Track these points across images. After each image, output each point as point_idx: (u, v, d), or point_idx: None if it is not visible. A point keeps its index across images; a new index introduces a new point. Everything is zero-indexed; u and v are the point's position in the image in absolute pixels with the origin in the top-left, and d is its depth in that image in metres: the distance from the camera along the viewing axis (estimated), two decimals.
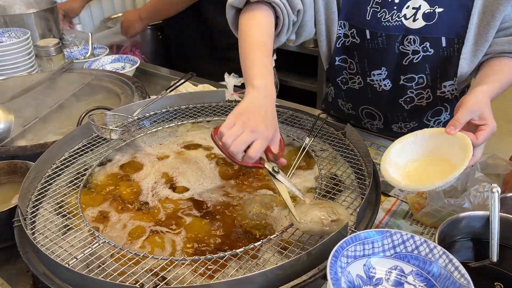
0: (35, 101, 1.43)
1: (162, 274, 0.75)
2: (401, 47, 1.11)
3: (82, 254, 0.78)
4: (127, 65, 1.82)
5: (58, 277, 0.76)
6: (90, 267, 0.76)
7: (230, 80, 1.35)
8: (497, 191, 0.78)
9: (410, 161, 0.92)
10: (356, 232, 0.75)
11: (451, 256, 0.64)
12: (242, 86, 1.39)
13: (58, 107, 1.41)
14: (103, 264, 0.77)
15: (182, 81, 1.29)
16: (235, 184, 1.02)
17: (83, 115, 1.19)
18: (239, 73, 1.38)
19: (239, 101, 1.29)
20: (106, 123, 1.13)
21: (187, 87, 1.54)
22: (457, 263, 0.63)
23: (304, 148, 1.07)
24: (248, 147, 0.84)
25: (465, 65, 1.09)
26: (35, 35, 1.90)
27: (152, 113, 1.26)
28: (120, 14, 2.79)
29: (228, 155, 0.85)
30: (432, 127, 1.28)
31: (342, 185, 0.99)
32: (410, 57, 1.11)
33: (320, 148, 1.13)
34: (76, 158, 1.10)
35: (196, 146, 1.18)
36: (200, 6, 1.85)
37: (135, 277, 0.74)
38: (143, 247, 0.85)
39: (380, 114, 1.27)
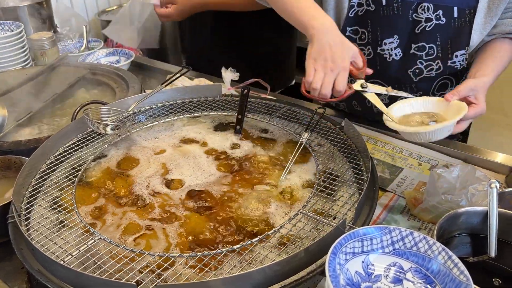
0: (29, 95, 1.41)
1: (158, 271, 0.74)
2: (415, 15, 1.14)
3: (78, 251, 0.77)
4: (122, 59, 1.80)
5: (53, 274, 0.75)
6: (86, 264, 0.75)
7: (227, 74, 1.34)
8: (496, 187, 0.77)
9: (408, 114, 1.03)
10: (354, 228, 0.75)
11: (450, 252, 0.64)
12: (239, 81, 1.38)
13: (52, 101, 1.40)
14: (99, 261, 0.76)
15: (178, 75, 1.28)
16: (232, 179, 1.02)
17: (78, 109, 1.18)
18: (236, 68, 1.37)
19: (235, 96, 1.28)
20: (101, 117, 1.12)
21: (183, 81, 1.52)
22: (457, 259, 0.63)
23: (302, 143, 1.06)
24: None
25: (475, 36, 1.13)
26: (28, 28, 1.88)
27: (147, 107, 1.25)
28: (115, 7, 2.77)
29: (321, 99, 0.99)
30: None
31: (340, 180, 0.98)
32: (422, 25, 1.14)
33: (318, 143, 1.12)
34: (71, 153, 1.08)
35: (193, 141, 1.17)
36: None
37: (131, 274, 0.73)
38: (139, 244, 0.84)
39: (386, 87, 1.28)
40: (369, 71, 1.05)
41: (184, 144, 1.15)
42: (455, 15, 1.11)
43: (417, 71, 1.21)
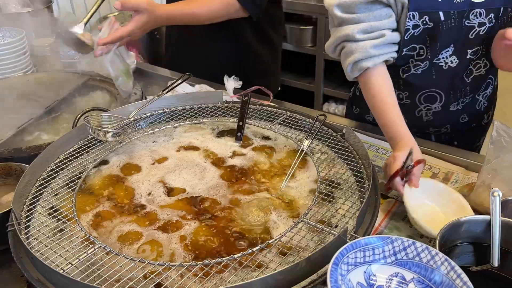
0: (30, 102, 1.41)
1: (159, 280, 0.74)
2: (467, 22, 1.15)
3: (78, 260, 0.77)
4: None
5: (53, 283, 0.75)
6: (86, 273, 0.75)
7: (230, 83, 1.34)
8: (498, 195, 0.77)
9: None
10: (356, 237, 0.74)
11: (453, 263, 0.63)
12: (242, 88, 1.38)
13: (53, 108, 1.39)
14: (99, 270, 0.75)
15: (179, 81, 1.28)
16: (232, 187, 1.01)
17: (79, 116, 1.18)
18: (239, 76, 1.38)
19: (236, 103, 1.28)
20: (102, 124, 1.12)
21: (184, 88, 1.52)
22: (459, 270, 0.62)
23: (303, 150, 1.06)
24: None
25: None
26: (30, 34, 1.88)
27: (148, 114, 1.25)
28: (116, 13, 2.77)
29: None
30: (481, 101, 1.33)
31: (341, 188, 0.98)
32: (476, 29, 1.16)
33: (319, 150, 1.12)
34: (71, 160, 1.08)
35: (194, 148, 1.16)
36: None
37: (132, 283, 0.73)
38: (140, 252, 0.84)
39: (442, 94, 1.28)
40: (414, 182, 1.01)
41: (185, 151, 1.15)
42: (500, 14, 1.15)
43: (468, 72, 1.24)
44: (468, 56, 1.21)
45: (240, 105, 1.19)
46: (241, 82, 1.35)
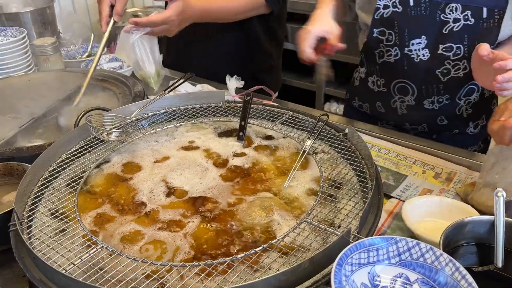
0: (31, 101, 1.41)
1: (161, 280, 0.74)
2: (443, 16, 1.15)
3: (80, 260, 0.77)
4: (125, 65, 1.80)
5: (55, 283, 0.74)
6: (88, 273, 0.75)
7: (232, 82, 1.34)
8: (502, 195, 0.76)
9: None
10: (359, 237, 0.74)
11: (457, 264, 0.63)
12: (244, 88, 1.38)
13: (55, 107, 1.39)
14: (101, 270, 0.75)
15: (181, 81, 1.28)
16: (234, 187, 1.01)
17: (80, 116, 1.17)
18: (241, 75, 1.37)
19: (238, 102, 1.28)
20: (104, 124, 1.12)
21: (186, 87, 1.52)
22: (464, 271, 0.62)
23: (305, 150, 1.05)
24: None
25: (501, 36, 1.16)
26: (31, 34, 1.88)
27: (150, 114, 1.25)
28: None
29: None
30: (462, 106, 1.31)
31: (344, 188, 0.98)
32: (450, 25, 1.15)
33: (321, 150, 1.11)
34: (73, 160, 1.08)
35: (195, 148, 1.16)
36: None
37: (134, 283, 0.72)
38: (142, 252, 0.84)
39: (414, 87, 1.28)
40: (340, 46, 1.16)
41: (186, 151, 1.15)
42: (484, 15, 1.12)
43: (445, 71, 1.23)
44: (440, 52, 1.20)
45: (242, 104, 1.19)
46: (243, 82, 1.34)
